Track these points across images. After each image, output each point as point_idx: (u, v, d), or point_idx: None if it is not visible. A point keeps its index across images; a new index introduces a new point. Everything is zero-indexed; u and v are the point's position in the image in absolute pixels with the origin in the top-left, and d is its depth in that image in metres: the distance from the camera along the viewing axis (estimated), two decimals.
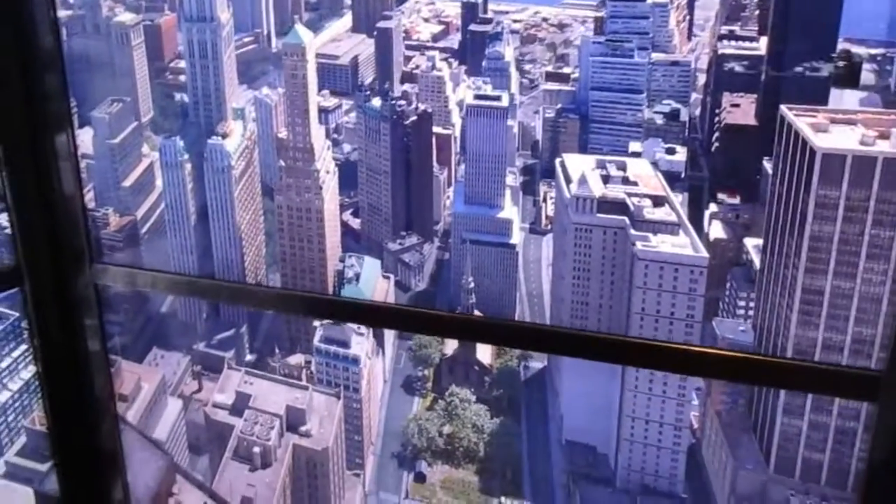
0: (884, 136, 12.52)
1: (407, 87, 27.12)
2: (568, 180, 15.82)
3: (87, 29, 28.65)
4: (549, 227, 20.90)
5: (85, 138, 22.35)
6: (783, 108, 13.44)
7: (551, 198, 21.18)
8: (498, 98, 19.23)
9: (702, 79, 22.51)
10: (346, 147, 23.94)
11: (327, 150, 19.72)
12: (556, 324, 17.80)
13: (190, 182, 19.10)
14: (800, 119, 12.99)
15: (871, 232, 12.44)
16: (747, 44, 21.32)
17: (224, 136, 19.00)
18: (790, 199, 13.18)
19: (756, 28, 22.05)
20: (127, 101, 21.82)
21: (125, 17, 28.33)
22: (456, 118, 23.40)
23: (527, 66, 27.61)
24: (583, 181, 15.31)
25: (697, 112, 21.61)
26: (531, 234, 21.31)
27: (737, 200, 17.94)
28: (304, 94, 18.67)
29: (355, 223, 22.22)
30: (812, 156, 12.57)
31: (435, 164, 22.10)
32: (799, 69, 17.74)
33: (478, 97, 19.48)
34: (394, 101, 20.81)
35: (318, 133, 19.06)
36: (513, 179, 21.07)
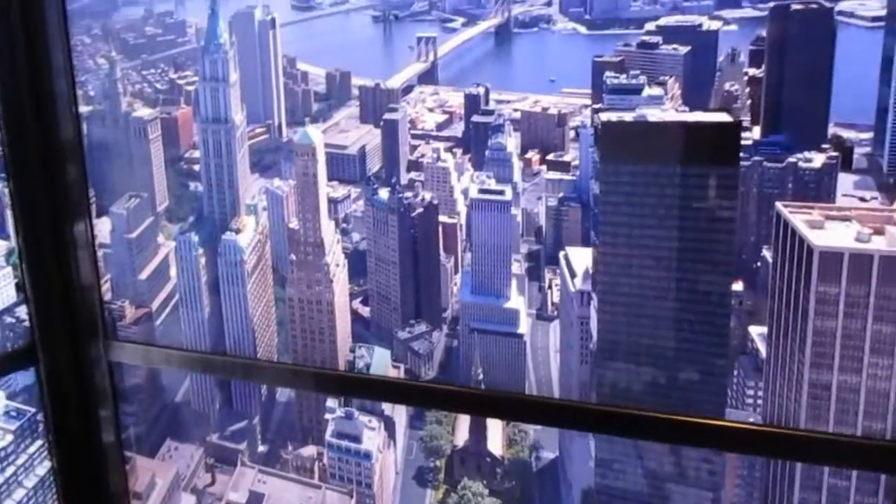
0: (879, 231, 12.86)
1: (413, 174, 27.87)
2: (573, 274, 16.18)
3: (106, 122, 29.60)
4: (556, 313, 21.07)
5: (103, 228, 22.88)
6: (778, 205, 13.83)
7: (556, 285, 21.41)
8: (501, 192, 19.74)
9: None
10: (356, 236, 24.33)
11: (337, 244, 20.20)
12: None
13: (204, 275, 19.50)
14: (795, 216, 13.36)
15: (873, 327, 12.66)
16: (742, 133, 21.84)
17: (237, 231, 19.54)
18: (791, 294, 13.42)
19: (749, 117, 22.65)
20: (144, 197, 22.39)
21: (143, 111, 29.27)
22: (461, 206, 23.86)
23: (529, 154, 28.27)
24: (587, 276, 15.67)
25: None
26: (538, 321, 21.45)
27: (740, 287, 18.09)
28: (314, 191, 19.27)
29: (365, 311, 22.43)
30: (810, 253, 12.90)
31: (442, 252, 22.46)
32: (792, 159, 18.21)
33: (482, 191, 19.99)
34: (401, 195, 21.32)
35: (328, 227, 19.57)
36: (518, 267, 21.35)
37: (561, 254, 17.96)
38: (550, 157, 27.03)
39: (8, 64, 2.71)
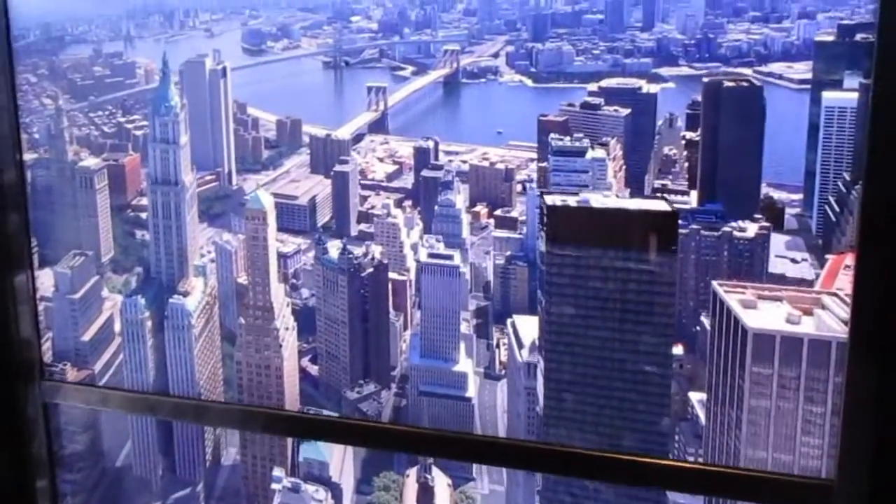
0: (808, 313, 13.35)
1: (363, 226, 27.86)
2: (520, 344, 16.36)
3: (51, 171, 28.71)
4: (503, 372, 21.14)
5: (45, 280, 22.09)
6: (714, 284, 14.29)
7: (504, 344, 21.52)
8: (450, 257, 19.83)
9: None
10: (305, 292, 24.06)
11: (286, 307, 19.95)
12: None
13: (150, 338, 18.99)
14: (730, 295, 13.79)
15: (804, 407, 13.10)
16: (679, 197, 22.46)
17: (185, 294, 19.12)
18: (727, 370, 13.79)
19: (686, 181, 23.28)
20: (89, 255, 21.75)
21: (90, 161, 28.51)
22: (410, 261, 23.85)
23: (477, 207, 28.46)
24: (533, 347, 15.84)
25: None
26: (486, 379, 21.48)
27: (681, 351, 18.43)
28: (264, 255, 19.03)
29: (313, 370, 22.11)
30: (744, 334, 13.32)
31: (391, 310, 22.37)
32: (727, 228, 18.78)
33: (431, 255, 20.05)
34: (350, 255, 21.22)
35: (277, 290, 19.33)
36: (467, 327, 21.39)
37: (508, 321, 18.10)
38: (498, 212, 27.32)
39: None
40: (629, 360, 16.55)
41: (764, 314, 13.52)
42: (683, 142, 24.34)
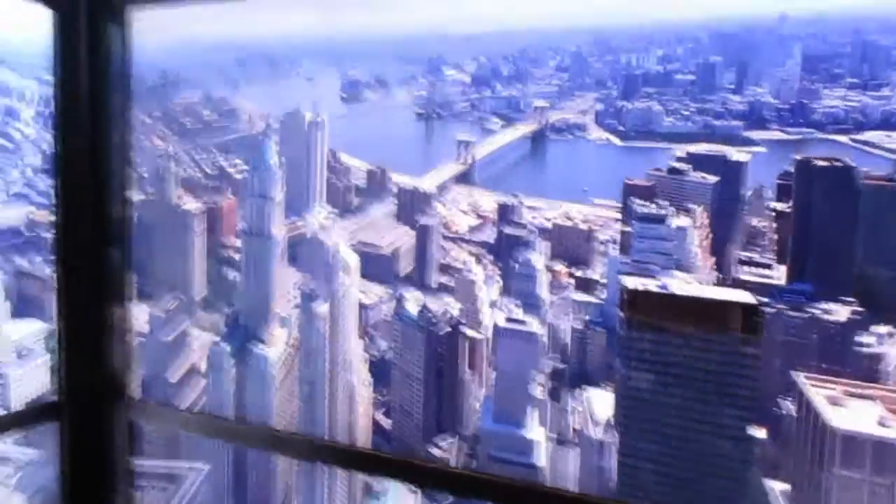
0: None
1: (444, 279, 28.13)
2: (595, 422, 15.90)
3: (156, 211, 30.40)
4: (576, 439, 20.61)
5: (140, 316, 23.21)
6: (798, 376, 13.49)
7: (579, 411, 21.03)
8: (527, 323, 19.67)
9: None
10: (382, 344, 24.32)
11: (363, 364, 20.14)
12: None
13: (232, 385, 19.57)
14: (816, 389, 12.99)
15: None
16: (765, 271, 21.55)
17: (268, 343, 19.68)
18: (812, 469, 12.94)
19: (774, 254, 22.32)
20: (183, 299, 22.77)
21: (191, 205, 30.03)
22: (487, 319, 23.79)
23: (557, 266, 28.20)
24: (608, 426, 15.38)
25: None
26: (558, 446, 20.99)
27: (764, 435, 17.40)
28: (346, 312, 19.39)
29: (387, 423, 22.23)
30: (832, 434, 12.46)
31: (466, 368, 22.32)
32: (817, 310, 17.87)
33: (509, 320, 19.95)
34: (429, 313, 21.37)
35: (356, 347, 19.56)
36: (541, 392, 21.05)
37: (584, 395, 17.69)
38: (578, 273, 26.99)
39: (70, 143, 2.73)
40: (709, 442, 15.88)
41: (854, 413, 12.68)
42: (773, 213, 23.49)
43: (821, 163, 18.80)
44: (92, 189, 2.72)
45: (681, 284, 14.84)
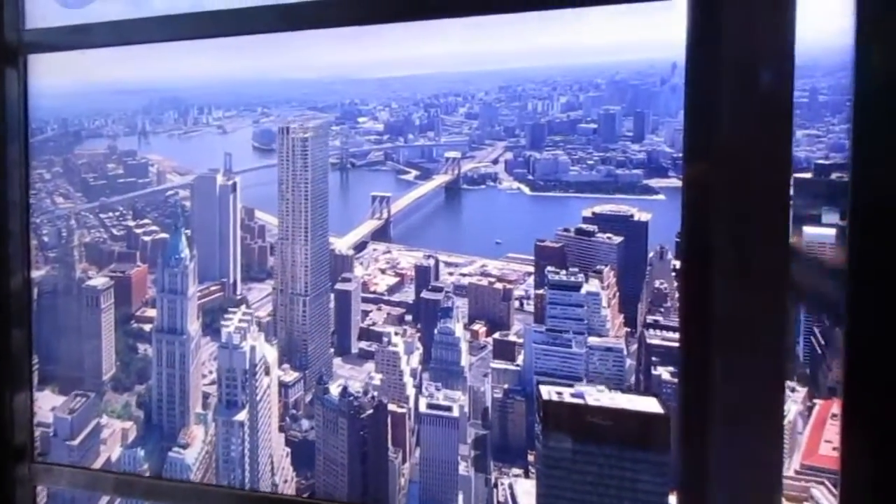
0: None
1: (363, 344, 27.71)
2: None
3: (58, 289, 28.56)
4: None
5: (43, 403, 21.67)
6: None
7: (501, 483, 21.02)
8: (449, 409, 19.56)
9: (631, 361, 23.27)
10: (305, 424, 23.67)
11: (286, 457, 19.56)
12: None
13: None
14: None
15: None
16: (671, 334, 22.17)
17: (185, 446, 18.78)
18: None
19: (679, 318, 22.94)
20: (91, 396, 21.48)
21: (97, 280, 28.40)
22: (410, 390, 23.55)
23: (475, 325, 28.22)
24: None
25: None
26: None
27: None
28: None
29: None
30: None
31: (390, 446, 21.97)
32: None
33: (430, 406, 19.79)
34: (350, 397, 20.94)
35: (277, 443, 18.98)
36: (464, 468, 20.94)
37: (507, 483, 17.70)
38: (497, 335, 27.09)
39: None
40: None
41: None
42: (674, 274, 24.24)
43: None
44: None
45: (594, 393, 15.07)
